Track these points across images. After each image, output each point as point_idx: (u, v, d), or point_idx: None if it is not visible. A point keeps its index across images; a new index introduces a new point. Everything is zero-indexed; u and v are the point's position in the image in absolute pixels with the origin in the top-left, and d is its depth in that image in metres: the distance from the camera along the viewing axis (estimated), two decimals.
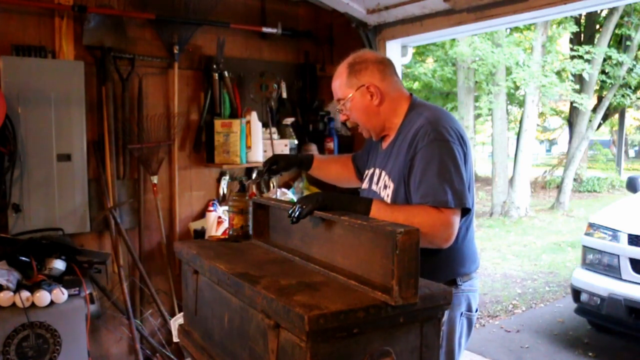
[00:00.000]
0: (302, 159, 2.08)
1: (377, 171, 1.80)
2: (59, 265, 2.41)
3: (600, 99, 12.20)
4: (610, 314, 3.92)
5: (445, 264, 1.67)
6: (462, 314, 1.72)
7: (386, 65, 1.76)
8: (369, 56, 1.77)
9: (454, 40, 9.53)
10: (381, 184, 1.75)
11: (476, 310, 1.78)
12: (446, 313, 1.62)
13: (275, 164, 1.95)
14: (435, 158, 1.56)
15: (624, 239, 4.00)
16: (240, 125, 3.12)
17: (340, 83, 1.75)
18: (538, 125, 15.89)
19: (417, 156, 1.60)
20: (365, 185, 1.87)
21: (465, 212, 1.61)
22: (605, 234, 4.17)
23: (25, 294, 2.23)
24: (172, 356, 3.04)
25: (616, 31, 11.13)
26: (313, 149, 3.54)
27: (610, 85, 11.30)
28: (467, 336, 1.77)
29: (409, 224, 1.23)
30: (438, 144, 1.57)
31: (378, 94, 1.71)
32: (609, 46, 10.92)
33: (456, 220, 1.55)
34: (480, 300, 1.82)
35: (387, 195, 1.69)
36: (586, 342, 4.39)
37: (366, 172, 1.90)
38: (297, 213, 1.46)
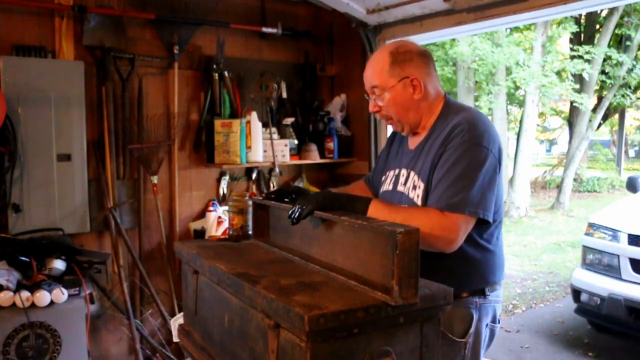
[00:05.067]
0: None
1: (405, 171, 1.69)
2: (59, 265, 2.41)
3: (600, 99, 12.20)
4: (610, 314, 3.92)
5: (477, 272, 1.61)
6: (487, 325, 1.66)
7: (430, 59, 1.66)
8: (412, 47, 1.65)
9: (454, 40, 9.52)
10: (409, 185, 1.65)
11: (498, 321, 1.72)
12: (473, 325, 1.58)
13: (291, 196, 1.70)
14: (462, 161, 1.47)
15: (624, 239, 4.00)
16: (240, 125, 3.12)
17: (381, 71, 1.62)
18: (538, 125, 15.88)
19: (445, 154, 1.51)
20: (388, 187, 1.75)
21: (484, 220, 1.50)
22: (605, 234, 4.17)
23: (25, 294, 2.23)
24: (172, 356, 3.04)
25: (616, 31, 11.13)
26: (313, 149, 3.53)
27: (610, 85, 11.30)
28: (487, 348, 1.72)
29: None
30: (469, 145, 1.48)
31: (421, 88, 1.61)
32: (609, 46, 10.92)
33: (462, 226, 1.46)
34: None
35: (418, 196, 1.59)
36: (586, 342, 4.39)
37: (387, 173, 1.79)
38: (297, 214, 1.44)
